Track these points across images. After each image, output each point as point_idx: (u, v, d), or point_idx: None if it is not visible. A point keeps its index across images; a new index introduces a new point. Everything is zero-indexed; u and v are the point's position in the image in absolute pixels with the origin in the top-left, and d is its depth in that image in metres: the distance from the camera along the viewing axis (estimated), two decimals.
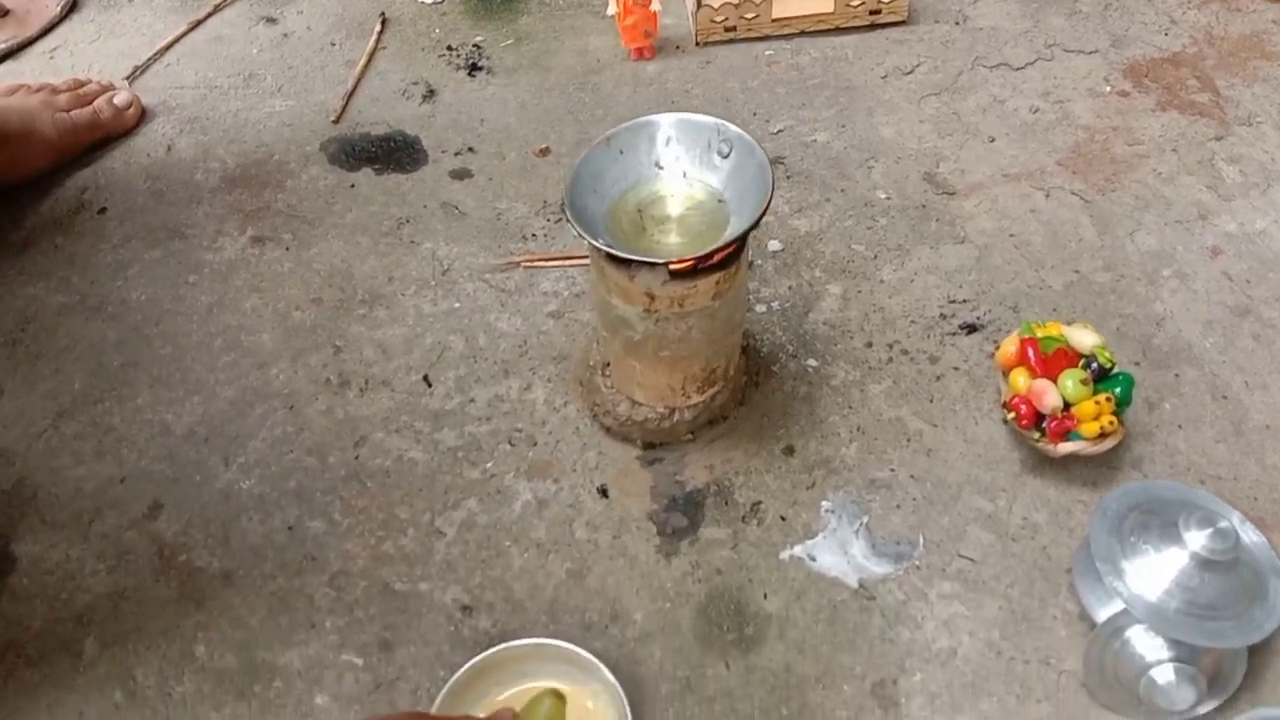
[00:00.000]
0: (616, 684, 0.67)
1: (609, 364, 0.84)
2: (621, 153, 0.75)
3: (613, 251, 0.69)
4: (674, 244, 0.74)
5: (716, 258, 0.70)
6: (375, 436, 0.87)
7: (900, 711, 0.71)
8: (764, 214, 0.69)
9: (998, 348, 0.82)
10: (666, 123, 0.76)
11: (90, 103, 1.14)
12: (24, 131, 1.08)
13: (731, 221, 0.73)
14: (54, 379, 0.93)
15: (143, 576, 0.80)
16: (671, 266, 0.70)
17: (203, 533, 0.83)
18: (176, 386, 0.92)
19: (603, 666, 0.68)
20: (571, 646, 0.70)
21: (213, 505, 0.84)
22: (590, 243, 0.70)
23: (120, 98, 1.15)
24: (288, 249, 1.03)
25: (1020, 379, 0.78)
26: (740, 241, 0.72)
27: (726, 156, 0.75)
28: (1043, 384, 0.76)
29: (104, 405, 0.91)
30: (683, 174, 0.76)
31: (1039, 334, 0.79)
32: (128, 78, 1.23)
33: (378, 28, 1.27)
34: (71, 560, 0.82)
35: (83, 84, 1.17)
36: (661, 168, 0.76)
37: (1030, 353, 0.78)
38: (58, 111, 1.11)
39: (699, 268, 0.71)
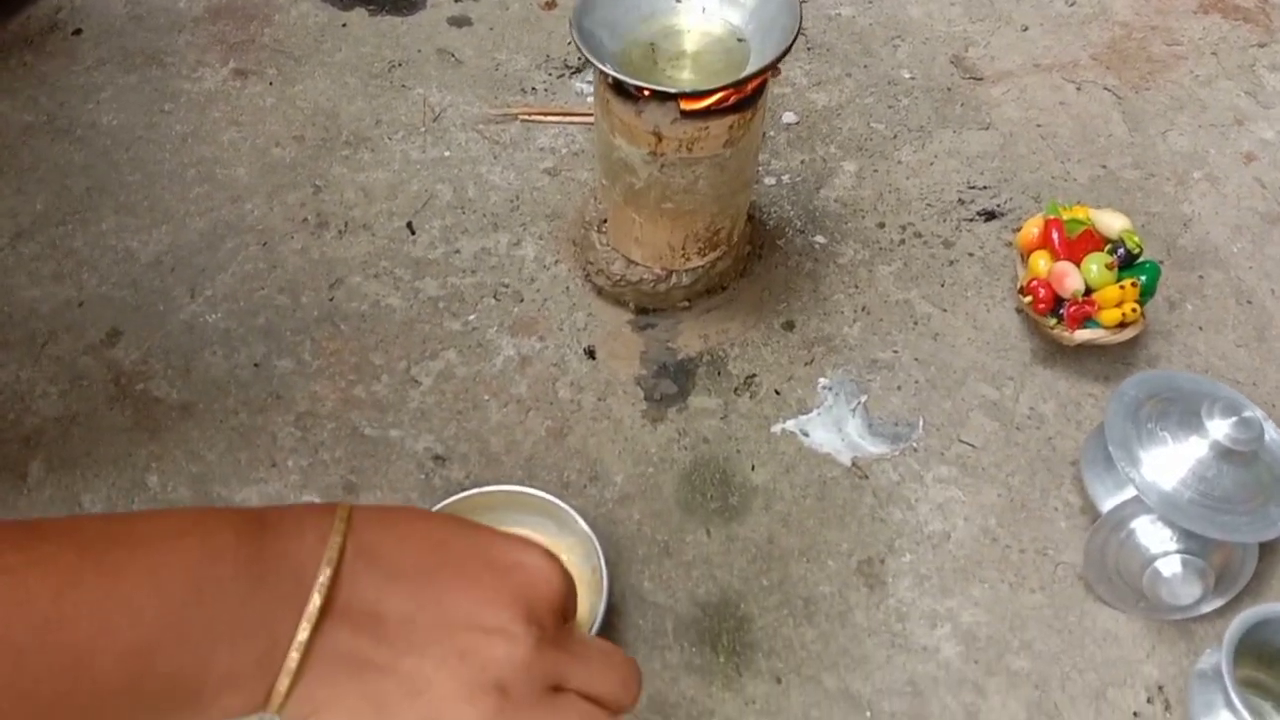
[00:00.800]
0: (592, 535, 0.64)
1: (606, 219, 0.79)
2: None
3: (621, 79, 0.64)
4: (687, 81, 0.68)
5: (733, 97, 0.65)
6: (352, 280, 0.82)
7: (886, 590, 0.67)
8: (789, 50, 0.64)
9: (1019, 229, 0.77)
10: None
11: None
12: None
13: (752, 61, 0.67)
14: (14, 198, 0.88)
15: (96, 403, 0.76)
16: (683, 104, 0.65)
17: (163, 363, 0.78)
18: (144, 215, 0.86)
19: (579, 518, 0.64)
20: (547, 496, 0.66)
21: (175, 336, 0.79)
22: (597, 67, 0.65)
23: None
24: (271, 84, 0.96)
25: (1041, 262, 0.74)
26: (760, 83, 0.66)
27: None
28: (1065, 266, 0.72)
29: (66, 228, 0.86)
30: (702, 9, 0.70)
31: (1065, 216, 0.75)
32: None
33: None
34: (21, 381, 0.77)
35: None
36: (680, 0, 0.70)
37: (1054, 235, 0.74)
38: None
39: (712, 108, 0.65)
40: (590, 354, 0.78)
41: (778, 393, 0.76)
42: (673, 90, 0.64)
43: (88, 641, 0.34)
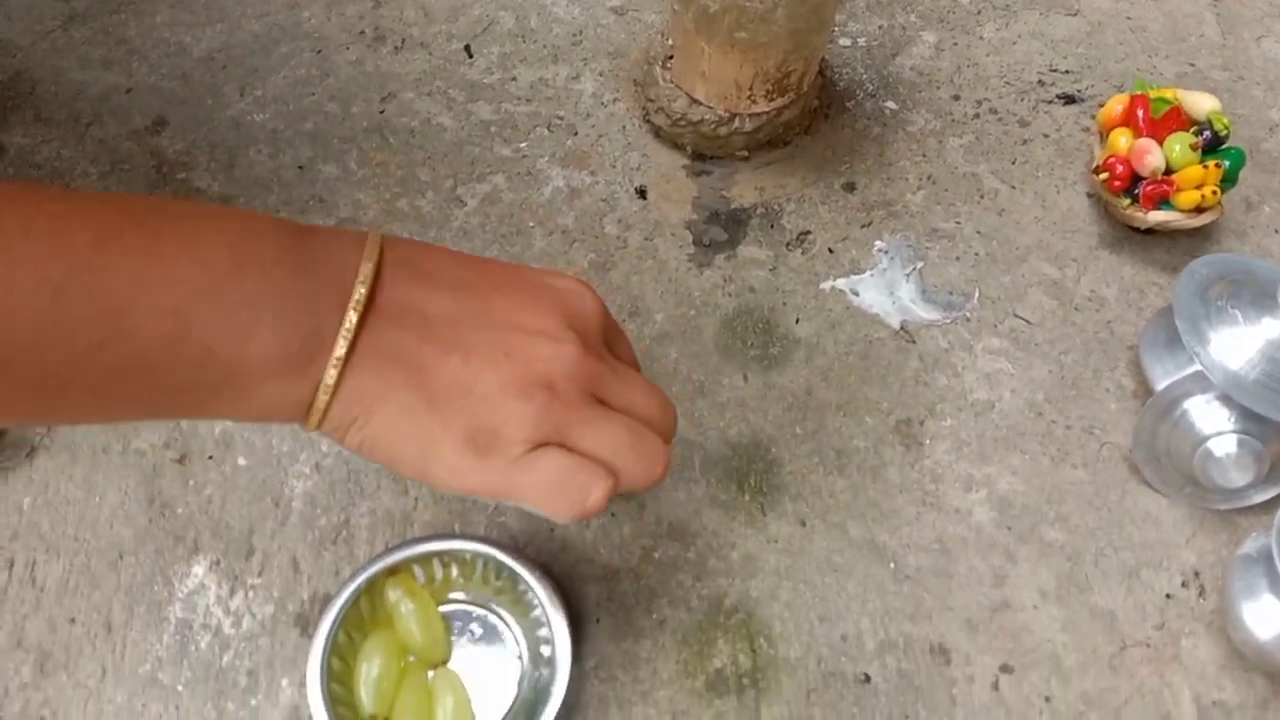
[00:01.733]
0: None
1: (672, 56, 0.76)
2: None
3: None
4: None
5: None
6: (405, 95, 0.80)
7: (923, 451, 0.65)
8: None
9: (1101, 106, 0.74)
10: None
11: None
12: None
13: None
14: None
15: (136, 187, 0.74)
16: None
17: (207, 155, 0.76)
18: (199, 12, 0.84)
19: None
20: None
21: (221, 131, 0.77)
22: None
23: None
24: None
25: (1122, 139, 0.70)
26: None
27: None
28: (1146, 142, 0.69)
29: (119, 17, 0.83)
30: None
31: (1151, 94, 0.71)
32: None
33: None
34: (63, 159, 0.75)
35: None
36: None
37: (1139, 112, 0.70)
38: None
39: None
40: (641, 193, 0.76)
41: (831, 251, 0.74)
42: None
43: (125, 292, 0.33)
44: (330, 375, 0.36)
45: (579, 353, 0.40)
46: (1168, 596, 0.61)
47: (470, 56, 0.83)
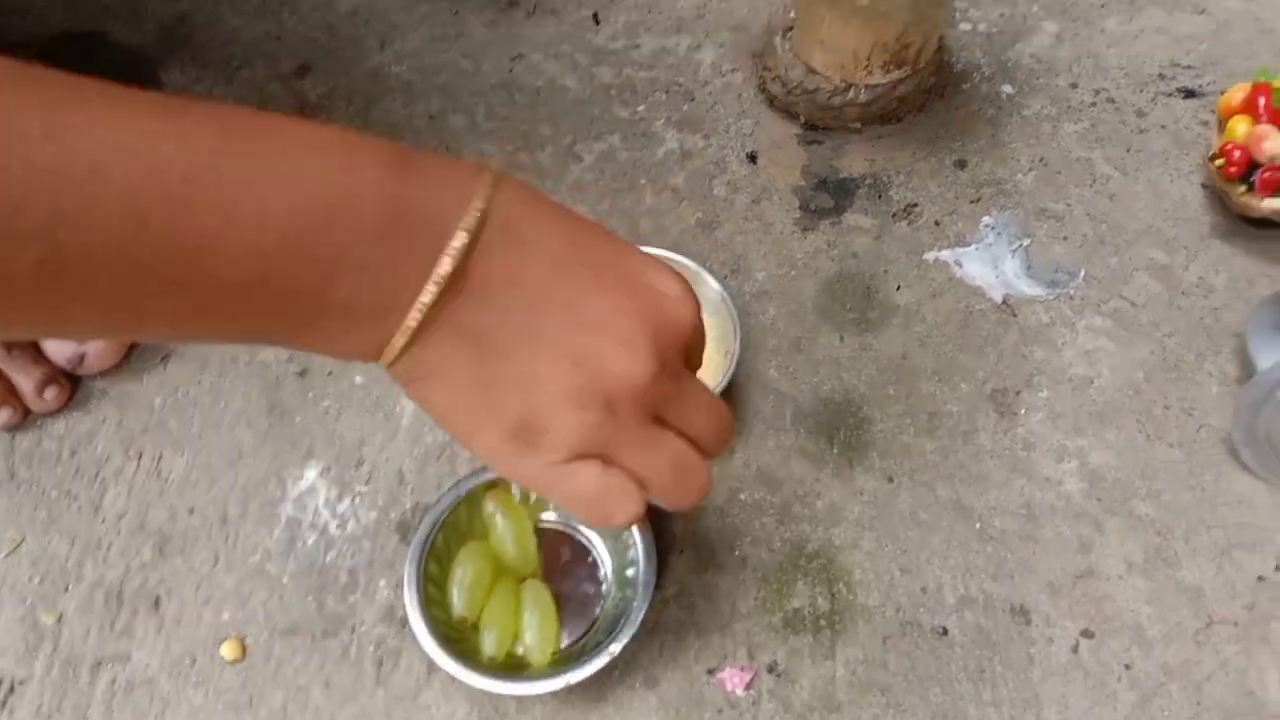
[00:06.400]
0: (726, 297, 0.64)
1: (792, 27, 0.78)
2: None
3: None
4: None
5: None
6: (533, 57, 0.84)
7: (1016, 420, 0.66)
8: None
9: (1222, 94, 0.74)
10: None
11: None
12: None
13: None
14: None
15: None
16: None
17: (345, 101, 0.81)
18: None
19: (708, 276, 0.65)
20: (675, 256, 0.66)
21: (360, 80, 0.82)
22: None
23: None
24: None
25: (1241, 127, 0.70)
26: None
27: None
28: (1266, 129, 0.68)
29: None
30: None
31: (1276, 84, 0.70)
32: None
33: None
34: (213, 96, 0.81)
35: None
36: None
37: (1260, 100, 0.70)
38: None
39: None
40: (752, 159, 0.78)
41: (937, 223, 0.75)
42: None
43: (213, 229, 0.32)
44: (399, 341, 0.36)
45: (651, 375, 0.39)
46: (1260, 579, 0.60)
47: (598, 24, 0.86)
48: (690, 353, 0.44)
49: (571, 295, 0.39)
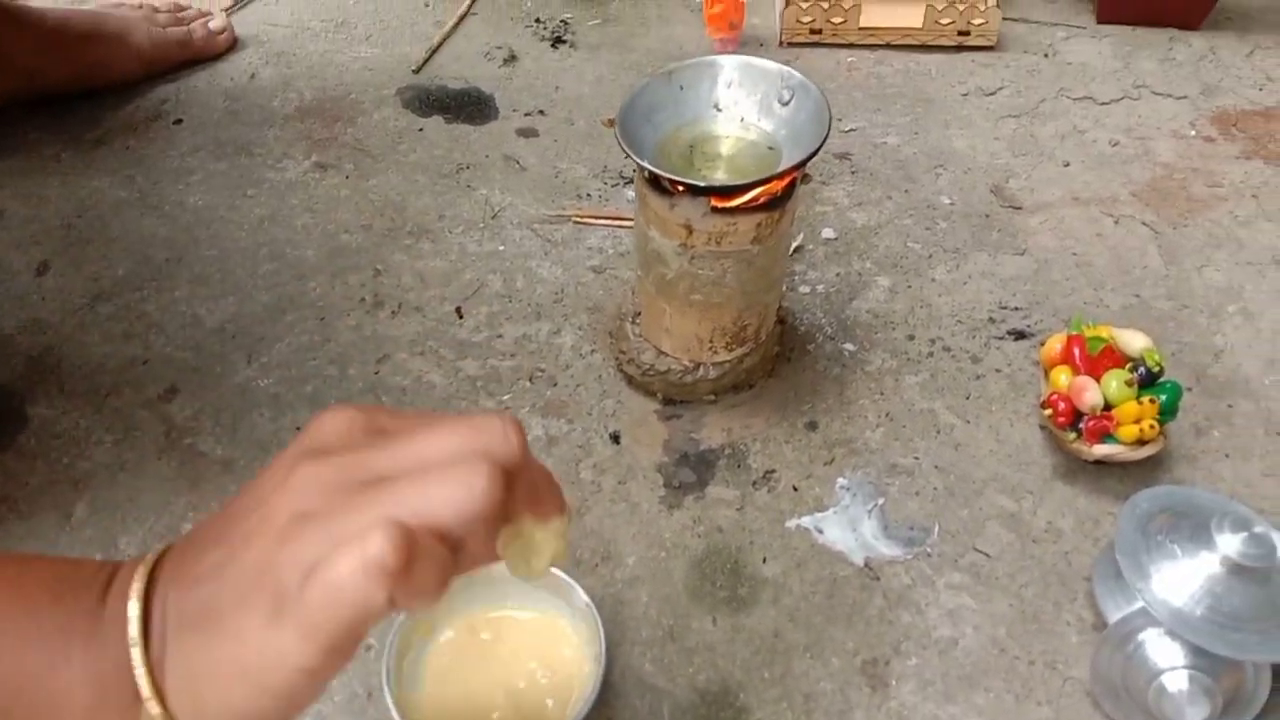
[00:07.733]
0: (591, 605, 0.64)
1: (640, 312, 0.83)
2: (682, 88, 0.75)
3: (657, 173, 0.68)
4: (720, 179, 0.72)
5: (762, 196, 0.69)
6: (399, 356, 0.87)
7: (889, 692, 0.67)
8: (815, 154, 0.68)
9: (1043, 344, 0.79)
10: (730, 65, 0.75)
11: (186, 25, 1.18)
12: (119, 36, 1.11)
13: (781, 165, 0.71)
14: (99, 264, 0.95)
15: (145, 453, 0.80)
16: (714, 200, 0.69)
17: (213, 421, 0.82)
18: (215, 285, 0.93)
19: (578, 588, 0.65)
20: (554, 570, 0.67)
21: (228, 397, 0.84)
22: (636, 163, 0.69)
23: (215, 23, 1.19)
24: (347, 177, 1.04)
25: (1062, 377, 0.75)
26: (788, 184, 0.70)
27: (786, 104, 0.73)
28: (1084, 380, 0.73)
29: (142, 294, 0.92)
30: (740, 119, 0.75)
31: (1087, 333, 0.76)
32: (227, 10, 1.26)
33: None
34: (80, 428, 0.82)
35: (183, 9, 1.21)
36: (720, 110, 0.75)
37: (1076, 351, 0.75)
38: (154, 26, 1.15)
39: (741, 206, 0.69)
40: (615, 439, 0.81)
41: (795, 489, 0.77)
42: (704, 185, 0.68)
43: None
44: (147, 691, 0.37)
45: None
46: None
47: (461, 317, 0.90)
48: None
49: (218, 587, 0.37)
